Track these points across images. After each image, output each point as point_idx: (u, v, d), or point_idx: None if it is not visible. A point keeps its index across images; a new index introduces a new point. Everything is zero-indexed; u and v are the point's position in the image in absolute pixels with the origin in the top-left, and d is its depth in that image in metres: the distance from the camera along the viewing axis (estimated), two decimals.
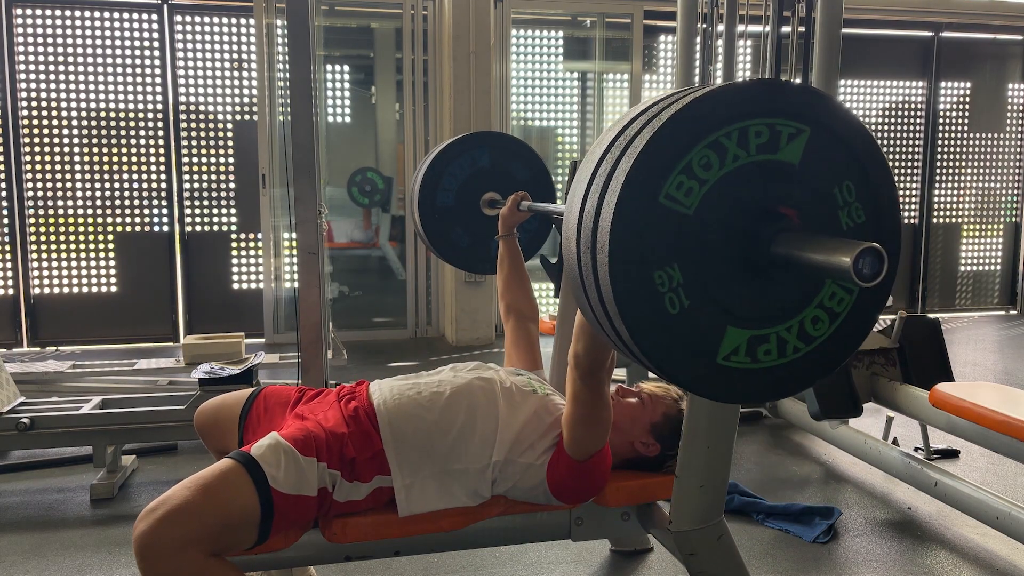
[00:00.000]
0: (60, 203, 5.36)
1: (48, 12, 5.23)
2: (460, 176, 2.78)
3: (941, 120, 6.71)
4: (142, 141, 5.42)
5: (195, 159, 5.52)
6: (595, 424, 1.59)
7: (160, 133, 5.43)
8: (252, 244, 5.62)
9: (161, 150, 5.45)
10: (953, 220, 6.86)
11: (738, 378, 1.13)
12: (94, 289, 5.44)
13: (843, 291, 1.18)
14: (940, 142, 6.73)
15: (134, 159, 5.43)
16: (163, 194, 5.48)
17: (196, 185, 5.52)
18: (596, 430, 1.61)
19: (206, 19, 5.45)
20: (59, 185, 5.34)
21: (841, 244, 0.99)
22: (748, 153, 1.09)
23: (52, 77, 5.28)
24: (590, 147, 1.21)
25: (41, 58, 5.25)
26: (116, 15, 5.31)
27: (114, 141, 5.39)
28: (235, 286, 5.64)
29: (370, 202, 5.75)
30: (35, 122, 5.29)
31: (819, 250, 1.01)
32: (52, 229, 5.38)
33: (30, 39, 5.23)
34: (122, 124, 5.39)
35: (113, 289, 5.47)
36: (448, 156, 2.74)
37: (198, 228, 5.56)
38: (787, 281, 1.12)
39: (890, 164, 1.14)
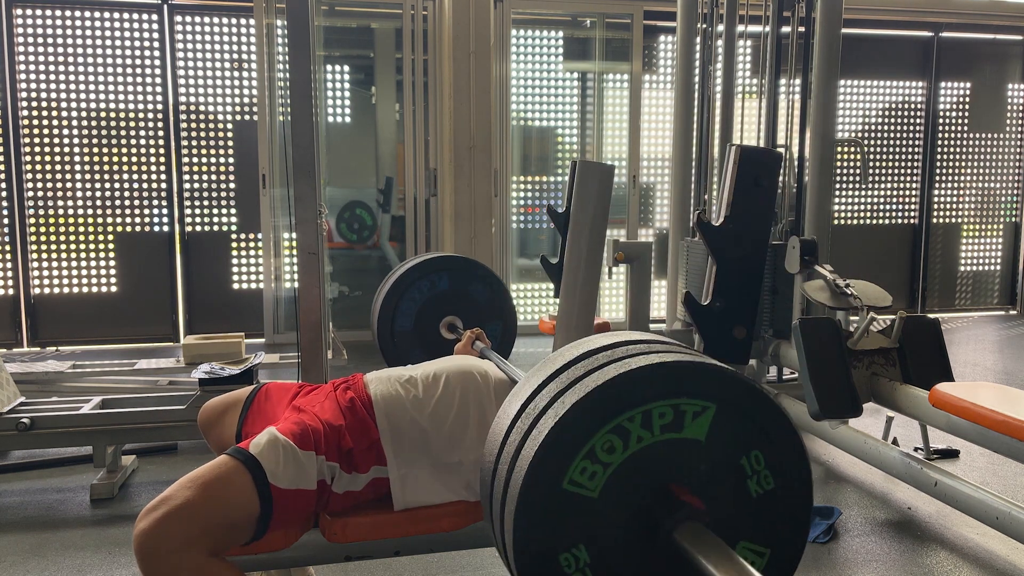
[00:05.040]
0: (60, 203, 5.36)
1: (48, 12, 5.23)
2: (419, 299, 2.84)
3: (941, 120, 6.71)
4: (142, 141, 5.42)
5: (195, 159, 5.52)
6: None
7: (160, 133, 5.43)
8: (252, 244, 5.62)
9: (161, 150, 5.45)
10: (953, 220, 6.86)
11: None
12: (94, 289, 5.44)
13: (755, 555, 1.20)
14: (940, 142, 6.73)
15: (134, 159, 5.43)
16: (163, 194, 5.48)
17: (196, 185, 5.52)
18: None
19: (206, 19, 5.45)
20: (59, 185, 5.34)
21: (734, 568, 0.99)
22: (652, 434, 1.10)
23: (52, 77, 5.28)
24: (502, 407, 1.25)
25: (41, 58, 5.25)
26: (116, 15, 5.31)
27: (114, 141, 5.39)
28: (235, 286, 5.64)
29: (358, 238, 5.79)
30: (35, 122, 5.29)
31: (714, 563, 1.01)
32: (52, 229, 5.38)
33: (30, 39, 5.23)
34: (122, 124, 5.39)
35: (113, 289, 5.47)
36: (407, 280, 2.80)
37: (198, 228, 5.56)
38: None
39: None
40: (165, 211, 5.50)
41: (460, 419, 1.67)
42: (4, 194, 5.27)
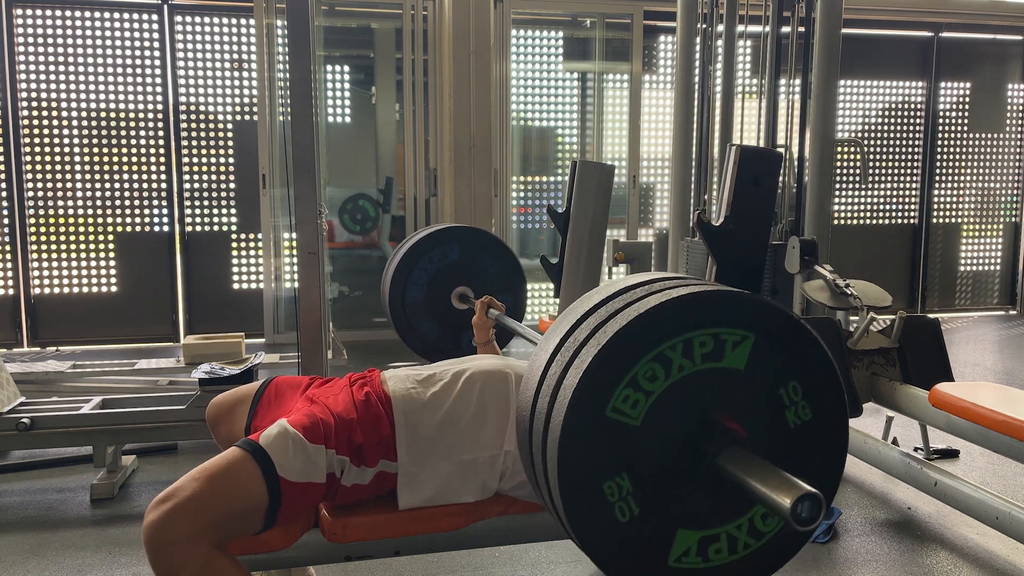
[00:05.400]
0: (60, 203, 5.36)
1: (48, 12, 5.23)
2: (430, 270, 2.83)
3: (941, 120, 6.71)
4: (142, 141, 5.42)
5: (195, 159, 5.52)
6: None
7: (160, 133, 5.43)
8: (252, 244, 5.62)
9: (161, 150, 5.45)
10: (953, 220, 6.86)
11: None
12: (94, 289, 5.44)
13: None
14: (940, 142, 6.73)
15: (134, 159, 5.43)
16: (163, 194, 5.48)
17: (196, 185, 5.52)
18: None
19: (206, 19, 5.45)
20: (59, 185, 5.34)
21: (783, 482, 1.00)
22: (693, 363, 1.11)
23: (52, 77, 5.28)
24: (538, 346, 1.24)
25: (41, 58, 5.25)
26: (116, 15, 5.31)
27: (114, 141, 5.39)
28: (235, 286, 5.64)
29: (361, 229, 5.79)
30: (35, 122, 5.29)
31: (762, 481, 1.02)
32: (52, 229, 5.38)
33: (30, 39, 5.23)
34: (122, 124, 5.39)
35: (113, 289, 5.47)
36: (419, 251, 2.79)
37: (198, 228, 5.56)
38: (733, 485, 1.13)
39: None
40: (165, 211, 5.50)
41: (477, 417, 1.66)
42: (4, 194, 5.27)
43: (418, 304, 2.84)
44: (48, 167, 5.32)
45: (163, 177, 5.47)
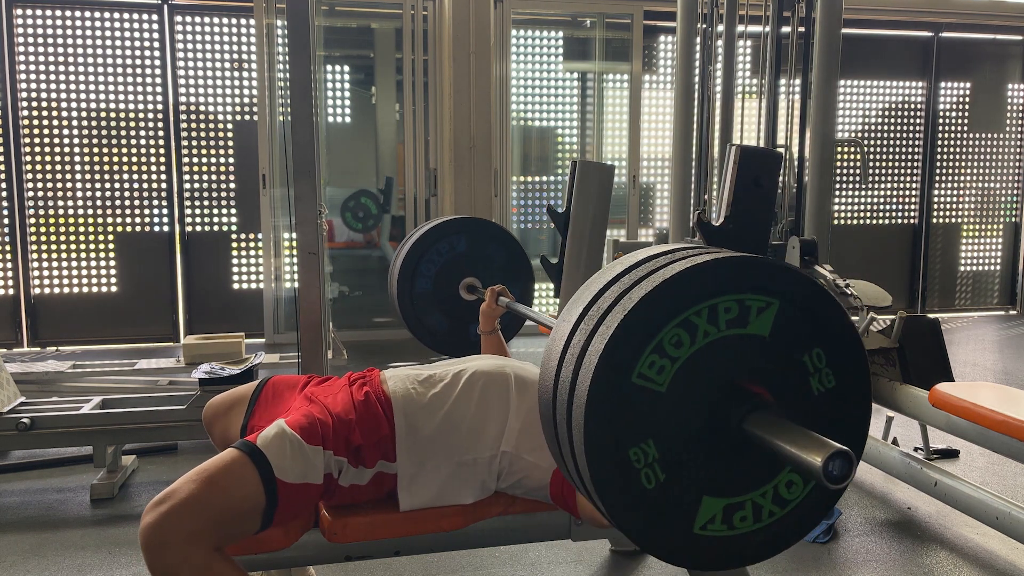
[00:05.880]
0: (60, 203, 5.37)
1: (48, 12, 5.23)
2: (438, 262, 2.83)
3: (941, 120, 6.71)
4: (142, 141, 5.42)
5: (195, 159, 5.52)
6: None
7: (160, 133, 5.43)
8: (252, 244, 5.62)
9: (161, 150, 5.45)
10: (953, 220, 6.86)
11: (715, 546, 1.15)
12: (94, 289, 5.44)
13: None
14: (940, 142, 6.73)
15: (134, 159, 5.43)
16: (163, 194, 5.48)
17: (196, 185, 5.52)
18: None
19: (206, 19, 5.45)
20: (59, 185, 5.34)
21: (813, 442, 1.00)
22: (718, 329, 1.11)
23: (52, 77, 5.28)
24: (561, 314, 1.24)
25: (41, 58, 5.25)
26: (116, 15, 5.31)
27: (114, 141, 5.39)
28: (235, 286, 5.64)
29: (363, 227, 5.79)
30: (35, 122, 5.29)
31: (791, 442, 1.02)
32: (52, 229, 5.38)
33: (30, 39, 5.23)
34: (122, 124, 5.39)
35: (113, 289, 5.47)
36: (426, 242, 2.78)
37: (198, 228, 5.56)
38: (760, 451, 1.13)
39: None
40: (165, 211, 5.50)
41: (478, 418, 1.66)
42: (4, 194, 5.27)
43: (426, 296, 2.83)
44: (48, 167, 5.32)
45: (163, 177, 5.47)
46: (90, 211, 5.41)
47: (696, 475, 1.13)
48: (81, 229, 5.41)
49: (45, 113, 5.30)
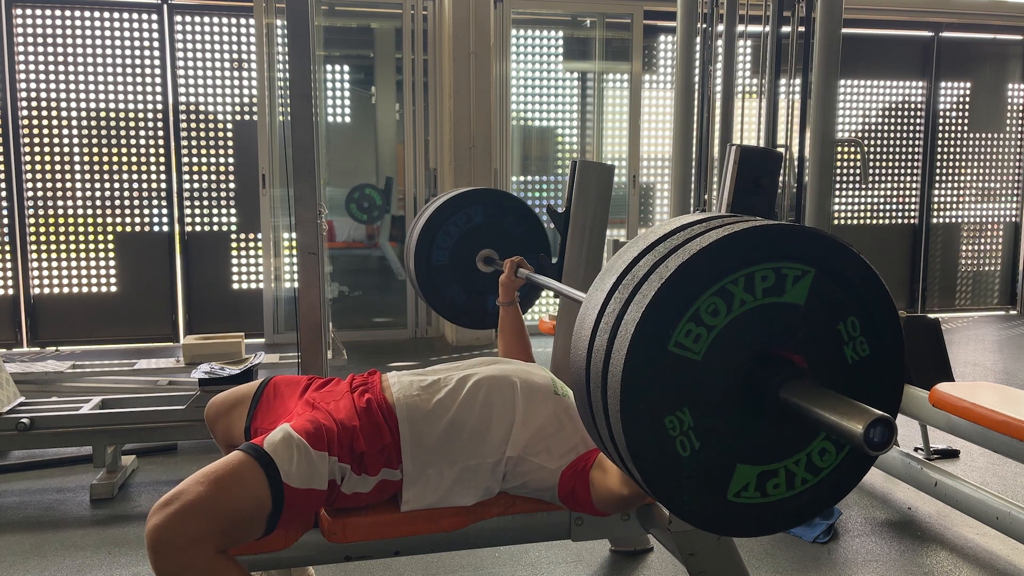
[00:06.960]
0: (60, 203, 5.36)
1: (48, 12, 5.23)
2: (455, 234, 2.81)
3: (941, 120, 6.71)
4: (142, 141, 5.42)
5: (195, 159, 5.52)
6: (632, 506, 1.67)
7: (160, 133, 5.43)
8: (252, 244, 5.62)
9: (161, 150, 5.45)
10: (953, 220, 6.86)
11: (748, 513, 1.16)
12: (94, 289, 5.44)
13: None
14: (940, 142, 6.73)
15: (134, 159, 5.43)
16: (163, 194, 5.48)
17: (196, 185, 5.52)
18: (631, 508, 1.69)
19: (206, 19, 5.45)
20: (59, 185, 5.34)
21: (852, 409, 1.00)
22: (755, 297, 1.11)
23: (52, 77, 5.28)
24: (593, 285, 1.24)
25: (41, 58, 5.25)
26: (116, 15, 5.31)
27: (114, 141, 5.39)
28: (235, 286, 5.64)
29: (369, 218, 5.80)
30: (35, 122, 5.29)
31: (830, 410, 1.02)
32: (52, 229, 5.38)
33: (30, 39, 5.23)
34: (122, 124, 5.39)
35: (113, 289, 5.47)
36: (443, 214, 2.77)
37: (198, 228, 5.56)
38: (795, 419, 1.13)
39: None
40: (165, 211, 5.50)
41: (482, 423, 1.66)
42: (4, 194, 5.27)
43: (443, 268, 2.82)
44: (48, 167, 5.31)
45: (163, 177, 5.47)
46: (90, 211, 5.40)
47: (730, 443, 1.13)
48: (81, 229, 5.41)
49: (45, 113, 5.30)
